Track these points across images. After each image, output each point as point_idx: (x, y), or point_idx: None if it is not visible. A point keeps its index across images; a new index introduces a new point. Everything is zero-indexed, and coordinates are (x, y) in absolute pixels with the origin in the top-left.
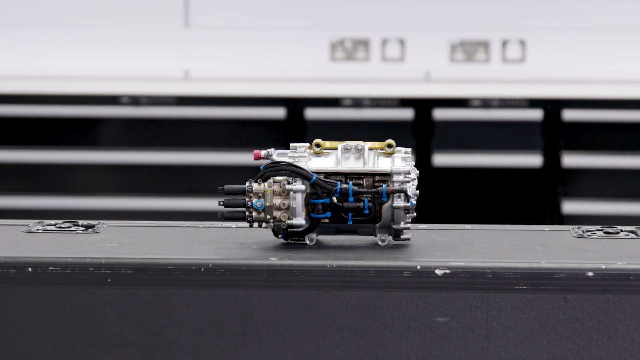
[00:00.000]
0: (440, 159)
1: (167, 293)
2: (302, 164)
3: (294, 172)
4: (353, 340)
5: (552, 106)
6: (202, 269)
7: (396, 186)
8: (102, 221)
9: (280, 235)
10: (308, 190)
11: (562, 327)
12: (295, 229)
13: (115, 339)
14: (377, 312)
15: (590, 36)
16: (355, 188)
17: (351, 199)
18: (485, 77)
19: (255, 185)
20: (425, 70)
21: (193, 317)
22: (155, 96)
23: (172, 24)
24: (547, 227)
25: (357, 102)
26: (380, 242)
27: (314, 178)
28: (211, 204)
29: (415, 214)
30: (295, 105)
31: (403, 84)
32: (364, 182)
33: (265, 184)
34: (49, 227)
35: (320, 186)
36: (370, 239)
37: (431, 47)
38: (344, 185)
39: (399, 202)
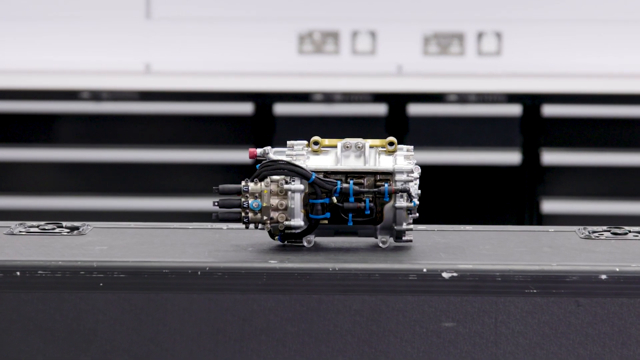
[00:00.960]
0: (415, 156)
1: (162, 298)
2: (300, 162)
3: (293, 171)
4: (356, 346)
5: (532, 101)
6: (199, 273)
7: (399, 185)
8: (86, 222)
9: (276, 237)
10: (306, 190)
11: (574, 333)
12: (293, 231)
13: (108, 346)
14: (381, 317)
15: (569, 28)
16: (356, 188)
17: (352, 199)
18: (460, 71)
19: (251, 185)
20: (398, 64)
21: (189, 323)
22: (116, 91)
23: (132, 16)
24: (551, 228)
25: (328, 97)
26: (381, 244)
27: (313, 177)
28: (176, 203)
29: (417, 214)
30: (264, 100)
31: (374, 78)
32: (365, 181)
33: (262, 183)
34: (32, 229)
35: (319, 186)
36: (369, 240)
37: (403, 39)
38: (345, 185)
39: (402, 202)
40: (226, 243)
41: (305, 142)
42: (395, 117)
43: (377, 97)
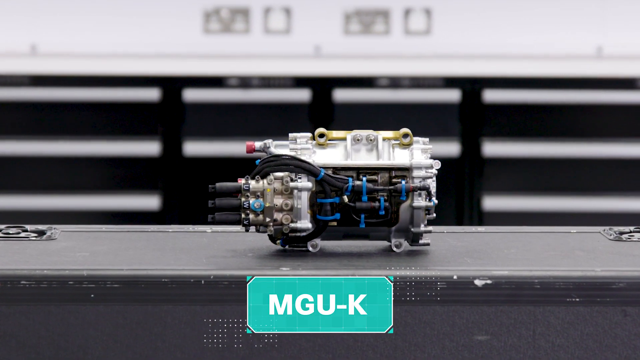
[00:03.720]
0: None
1: (161, 310)
2: (305, 157)
3: (299, 167)
4: None
5: (471, 86)
6: (202, 282)
7: (417, 182)
8: (52, 225)
9: (278, 241)
10: (314, 189)
11: (620, 345)
12: (298, 234)
13: None
14: (407, 330)
15: (507, 3)
16: (370, 185)
17: (365, 197)
18: (385, 52)
19: (252, 183)
20: (315, 44)
21: (191, 339)
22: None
23: None
24: (573, 229)
25: (245, 82)
26: (395, 248)
27: (322, 174)
28: (70, 201)
29: (434, 215)
30: (172, 85)
31: (289, 60)
32: (379, 178)
33: (265, 181)
34: None
35: (329, 183)
36: (379, 244)
37: (322, 17)
38: (357, 182)
39: (420, 202)
40: (219, 248)
41: (309, 134)
42: (320, 104)
43: (300, 82)
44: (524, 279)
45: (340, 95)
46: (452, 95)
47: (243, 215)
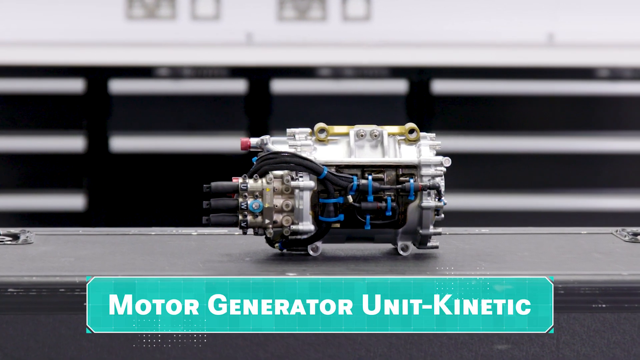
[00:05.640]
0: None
1: None
2: (306, 154)
3: (301, 164)
4: None
5: (419, 76)
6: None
7: (426, 181)
8: (24, 228)
9: (277, 244)
10: (316, 188)
11: None
12: (299, 237)
13: None
14: (422, 339)
15: None
16: (376, 184)
17: (371, 197)
18: (323, 39)
19: (250, 182)
20: (247, 31)
21: (198, 353)
22: None
23: None
24: (583, 230)
25: (176, 72)
26: (401, 251)
27: (325, 172)
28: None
29: (442, 216)
30: (99, 75)
31: (220, 48)
32: (385, 176)
33: (263, 180)
34: None
35: (332, 182)
36: (382, 247)
37: (253, 2)
38: (362, 181)
39: (429, 201)
40: (212, 252)
41: (309, 129)
42: (257, 95)
43: (235, 72)
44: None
45: (279, 86)
46: (399, 86)
47: (240, 217)
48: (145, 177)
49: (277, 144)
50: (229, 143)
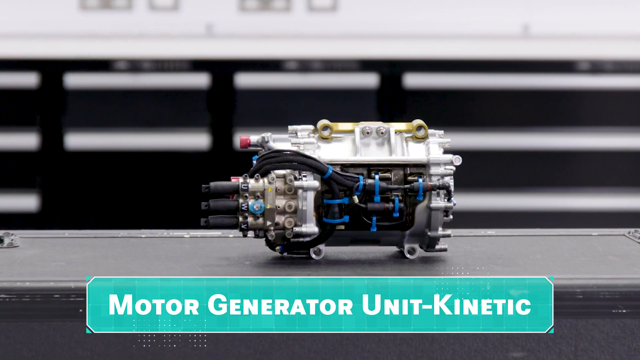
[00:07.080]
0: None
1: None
2: (310, 152)
3: (305, 163)
4: None
5: (391, 69)
6: None
7: (435, 181)
8: (7, 231)
9: (278, 247)
10: (319, 188)
11: None
12: (302, 239)
13: None
14: (434, 347)
15: None
16: (383, 184)
17: (377, 198)
18: (287, 31)
19: (252, 182)
20: (207, 22)
21: (199, 358)
22: None
23: None
24: (594, 231)
25: (135, 66)
26: (408, 254)
27: (330, 171)
28: None
29: (451, 217)
30: (53, 69)
31: (179, 40)
32: (393, 175)
33: (265, 180)
34: None
35: (338, 182)
36: (387, 250)
37: None
38: (369, 181)
39: (438, 202)
40: (208, 256)
41: (311, 126)
42: (220, 90)
43: (197, 65)
44: (564, 288)
45: (243, 80)
46: (369, 80)
47: (241, 219)
48: (103, 177)
49: (278, 141)
50: (191, 140)
